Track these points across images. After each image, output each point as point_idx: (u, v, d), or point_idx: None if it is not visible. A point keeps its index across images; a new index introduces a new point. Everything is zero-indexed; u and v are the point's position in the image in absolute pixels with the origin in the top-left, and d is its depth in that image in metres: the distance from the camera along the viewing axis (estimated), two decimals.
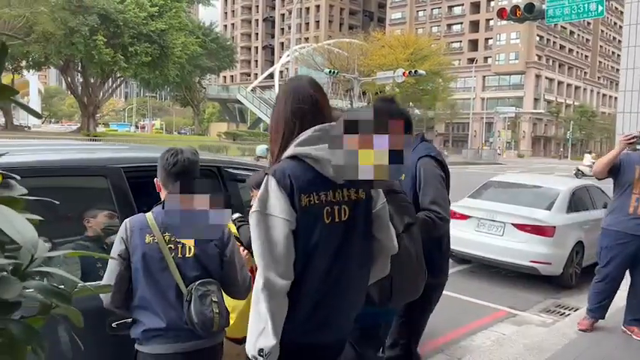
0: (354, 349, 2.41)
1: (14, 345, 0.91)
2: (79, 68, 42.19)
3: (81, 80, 44.40)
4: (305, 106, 1.82)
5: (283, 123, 1.84)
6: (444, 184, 2.71)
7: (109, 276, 2.08)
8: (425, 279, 2.33)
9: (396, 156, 1.62)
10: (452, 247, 7.31)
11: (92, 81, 43.23)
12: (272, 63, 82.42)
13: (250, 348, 1.71)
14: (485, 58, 79.06)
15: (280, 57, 68.51)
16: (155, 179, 2.24)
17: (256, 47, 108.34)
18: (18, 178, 1.15)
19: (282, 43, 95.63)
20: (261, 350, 1.67)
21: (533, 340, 4.73)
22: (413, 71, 32.26)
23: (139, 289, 2.08)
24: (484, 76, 77.25)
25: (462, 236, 7.44)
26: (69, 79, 43.60)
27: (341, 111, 2.36)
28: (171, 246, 2.08)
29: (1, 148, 2.71)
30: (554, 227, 6.82)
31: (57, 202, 1.18)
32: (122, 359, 2.21)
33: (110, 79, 44.60)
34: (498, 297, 6.48)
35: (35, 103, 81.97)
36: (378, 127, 1.62)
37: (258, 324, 1.69)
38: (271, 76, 64.17)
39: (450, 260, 7.74)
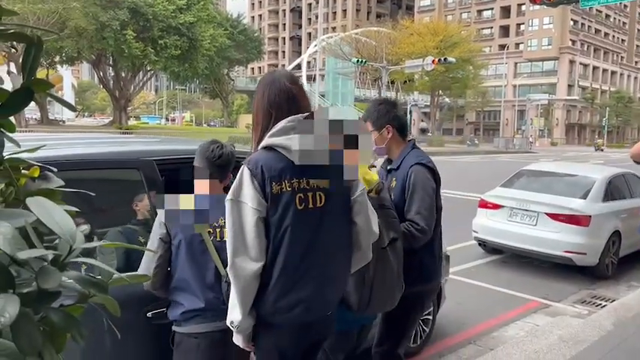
0: (324, 353, 2.43)
1: (55, 332, 0.94)
2: (111, 62, 42.95)
3: (112, 74, 45.22)
4: (280, 99, 1.93)
5: (261, 115, 1.95)
6: (435, 193, 2.70)
7: (149, 260, 2.16)
8: (402, 291, 2.42)
9: (348, 156, 1.78)
10: (484, 236, 7.39)
11: (123, 75, 43.97)
12: (299, 54, 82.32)
13: (227, 319, 1.91)
14: (517, 45, 77.28)
15: (308, 47, 68.40)
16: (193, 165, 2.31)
17: (284, 38, 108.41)
18: (55, 170, 1.18)
19: (310, 34, 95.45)
20: (232, 322, 1.88)
21: (568, 331, 4.63)
22: (442, 59, 31.81)
23: (177, 271, 2.18)
24: (516, 63, 75.59)
25: (494, 226, 7.34)
26: (101, 74, 44.44)
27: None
28: (210, 230, 2.17)
29: (38, 141, 2.79)
30: (590, 216, 6.66)
31: (92, 194, 1.19)
32: (158, 348, 2.26)
33: (140, 72, 45.27)
34: (531, 288, 6.37)
35: (69, 97, 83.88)
36: (333, 127, 1.77)
37: (232, 300, 1.88)
38: (299, 66, 64.16)
39: (481, 250, 7.76)
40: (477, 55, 54.14)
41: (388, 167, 2.87)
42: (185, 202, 2.17)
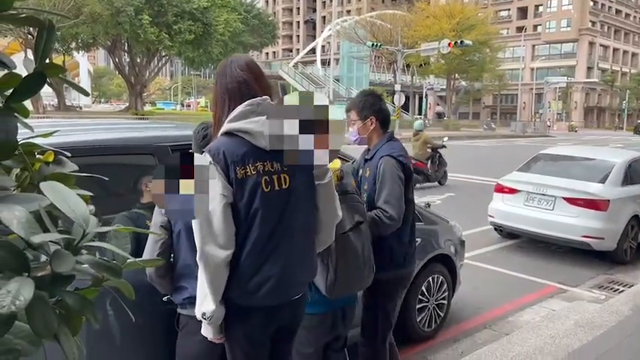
0: (306, 335, 2.46)
1: (70, 315, 0.95)
2: (126, 48, 43.07)
3: (128, 60, 45.37)
4: (232, 86, 1.95)
5: (216, 102, 1.99)
6: (403, 184, 2.79)
7: (153, 246, 2.16)
8: (372, 271, 2.53)
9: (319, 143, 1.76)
10: (500, 221, 7.34)
11: (138, 60, 44.09)
12: (314, 38, 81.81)
13: (197, 312, 1.90)
14: (535, 26, 75.83)
15: (322, 31, 67.91)
16: (189, 151, 2.30)
17: (298, 22, 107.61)
18: (68, 155, 1.19)
19: (324, 17, 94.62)
20: (204, 314, 1.87)
21: (585, 316, 4.59)
22: (459, 42, 31.30)
23: (180, 257, 2.17)
24: (534, 45, 74.19)
25: (510, 210, 7.28)
26: (116, 59, 44.61)
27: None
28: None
29: (54, 128, 2.81)
30: (609, 201, 6.57)
31: (106, 179, 1.20)
32: (174, 332, 2.28)
33: (155, 58, 45.35)
34: (548, 272, 6.33)
35: (85, 83, 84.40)
36: (303, 112, 1.76)
37: (201, 291, 1.87)
38: (313, 51, 63.78)
39: (497, 235, 7.71)
40: (494, 37, 53.19)
41: (365, 157, 2.97)
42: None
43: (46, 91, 44.62)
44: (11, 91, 0.98)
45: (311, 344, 2.54)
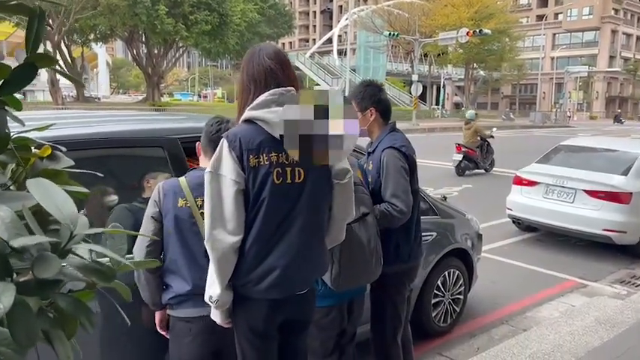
0: (312, 328, 2.39)
1: (64, 318, 0.90)
2: (143, 39, 43.25)
3: (145, 51, 45.57)
4: (259, 74, 1.92)
5: (241, 89, 1.96)
6: (408, 175, 2.75)
7: (142, 241, 2.14)
8: (381, 263, 2.52)
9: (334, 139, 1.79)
10: (518, 214, 7.21)
11: (156, 52, 44.24)
12: (330, 27, 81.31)
13: (205, 295, 1.92)
14: (556, 15, 74.26)
15: (339, 21, 67.46)
16: (197, 142, 2.30)
17: (314, 12, 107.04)
18: (64, 149, 1.14)
19: (341, 7, 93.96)
20: (210, 297, 1.89)
21: (606, 312, 4.48)
22: (477, 31, 30.87)
23: (169, 251, 2.14)
24: (554, 34, 72.78)
25: (529, 203, 7.15)
26: (134, 51, 44.85)
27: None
28: (203, 211, 2.10)
29: (61, 120, 2.78)
30: (631, 194, 6.39)
31: (101, 175, 1.15)
32: None
33: (172, 49, 45.48)
34: (567, 267, 6.20)
35: (104, 74, 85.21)
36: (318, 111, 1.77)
37: (211, 275, 1.89)
38: (330, 41, 63.40)
39: (515, 228, 7.58)
40: (514, 26, 52.25)
41: (368, 150, 2.92)
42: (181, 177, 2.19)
43: (65, 82, 45.08)
44: (0, 82, 0.93)
45: (317, 337, 2.51)
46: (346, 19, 47.70)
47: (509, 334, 4.24)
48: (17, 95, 1.04)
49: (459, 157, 13.26)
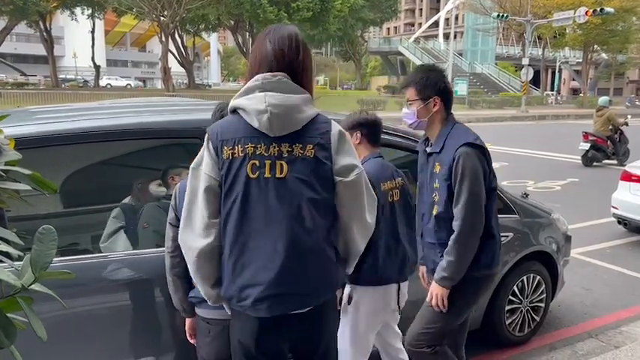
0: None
1: None
2: (247, 28, 44.69)
3: (250, 40, 47.13)
4: (256, 58, 1.73)
5: (247, 78, 1.76)
6: (486, 175, 2.39)
7: (165, 246, 2.08)
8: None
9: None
10: (625, 213, 6.46)
11: None
12: (437, 10, 78.74)
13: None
14: None
15: (446, 3, 65.15)
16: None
17: None
18: (7, 142, 1.10)
19: None
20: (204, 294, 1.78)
21: None
22: (598, 10, 28.20)
23: None
24: None
25: (639, 202, 6.35)
26: (240, 39, 46.53)
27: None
28: None
29: (101, 110, 2.82)
30: None
31: (39, 174, 1.09)
32: None
33: None
34: None
35: (215, 62, 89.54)
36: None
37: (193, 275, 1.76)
38: (436, 24, 61.51)
39: (621, 229, 6.81)
40: None
41: (428, 150, 2.52)
42: None
43: (178, 70, 47.98)
44: None
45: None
46: (453, 1, 45.93)
47: (597, 351, 3.76)
48: (137, 82, 1.00)
49: (586, 145, 12.26)
